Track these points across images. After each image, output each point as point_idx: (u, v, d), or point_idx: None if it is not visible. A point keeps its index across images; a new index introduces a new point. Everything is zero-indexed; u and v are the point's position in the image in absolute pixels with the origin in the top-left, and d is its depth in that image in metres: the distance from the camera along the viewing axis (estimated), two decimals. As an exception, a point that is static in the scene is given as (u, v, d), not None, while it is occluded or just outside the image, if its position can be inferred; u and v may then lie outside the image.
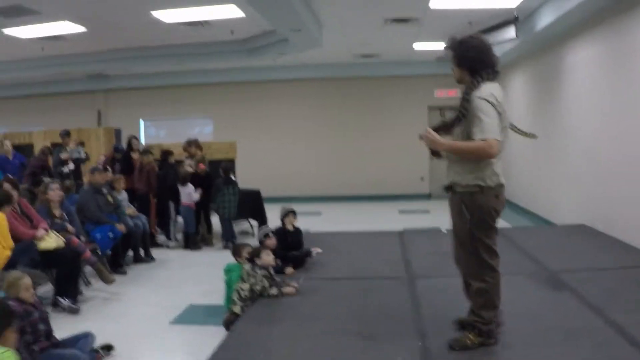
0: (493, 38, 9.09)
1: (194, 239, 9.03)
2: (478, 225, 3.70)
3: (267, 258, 5.27)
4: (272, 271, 5.26)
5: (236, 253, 5.66)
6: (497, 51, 10.30)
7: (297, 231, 6.77)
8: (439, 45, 11.54)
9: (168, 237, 9.22)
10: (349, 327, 4.32)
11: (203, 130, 15.31)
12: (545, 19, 8.43)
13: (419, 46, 11.76)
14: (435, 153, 3.95)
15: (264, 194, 10.20)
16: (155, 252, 8.31)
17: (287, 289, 5.12)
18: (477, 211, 3.69)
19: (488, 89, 3.59)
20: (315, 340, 4.07)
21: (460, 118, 3.67)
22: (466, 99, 3.64)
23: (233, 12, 8.12)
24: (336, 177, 15.16)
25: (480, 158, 3.61)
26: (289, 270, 5.81)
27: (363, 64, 14.16)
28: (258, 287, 5.02)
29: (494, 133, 3.52)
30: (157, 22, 8.44)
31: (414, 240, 7.65)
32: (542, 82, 10.61)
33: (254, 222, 10.12)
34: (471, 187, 3.71)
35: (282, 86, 15.24)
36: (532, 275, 5.67)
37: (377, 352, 3.87)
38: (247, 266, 5.17)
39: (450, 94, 14.83)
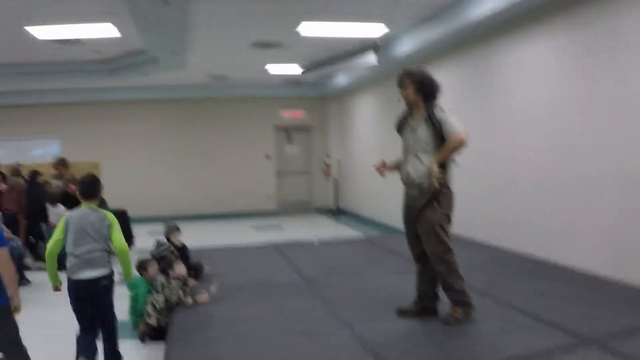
0: (354, 63, 9.84)
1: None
2: (444, 215, 4.49)
3: (180, 269, 5.39)
4: (185, 281, 5.39)
5: (142, 268, 5.67)
6: (351, 75, 11.14)
7: (184, 247, 6.87)
8: (293, 69, 12.08)
9: (40, 258, 8.73)
10: (283, 326, 4.56)
11: (47, 150, 14.46)
12: (404, 47, 9.25)
13: (272, 69, 12.20)
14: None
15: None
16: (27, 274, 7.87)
17: (202, 298, 5.25)
18: (446, 202, 4.49)
19: (443, 107, 4.54)
20: (260, 340, 4.25)
21: (439, 131, 4.43)
22: (433, 118, 4.45)
23: (109, 31, 7.94)
24: (195, 196, 15.10)
25: (460, 149, 4.39)
26: (192, 282, 5.90)
27: (215, 85, 14.36)
28: (174, 298, 5.10)
29: (460, 127, 4.39)
30: (29, 38, 8.04)
31: (292, 252, 8.00)
32: (395, 104, 11.44)
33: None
34: (442, 186, 4.46)
35: (135, 106, 14.85)
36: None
37: (319, 345, 4.15)
38: (161, 278, 5.23)
39: (296, 115, 15.54)
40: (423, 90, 4.54)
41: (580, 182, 6.25)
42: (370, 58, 9.57)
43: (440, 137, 4.43)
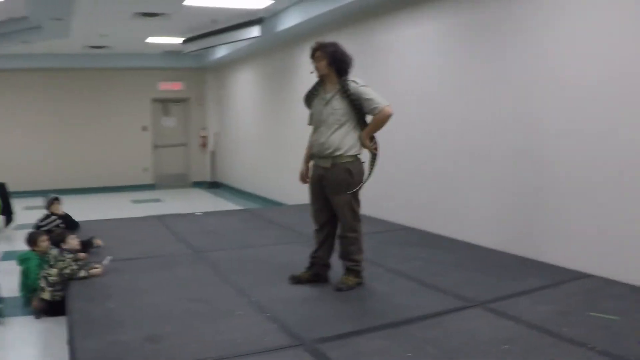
0: (238, 35, 9.85)
1: None
2: (357, 186, 4.70)
3: (73, 242, 5.30)
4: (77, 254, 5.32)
5: (32, 242, 5.52)
6: (232, 47, 11.14)
7: (67, 215, 6.74)
8: (173, 40, 11.88)
9: None
10: (179, 294, 4.63)
11: None
12: (289, 20, 9.35)
13: (152, 40, 11.93)
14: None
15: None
16: None
17: (95, 271, 5.17)
18: (358, 174, 4.70)
19: (358, 80, 4.68)
20: (160, 308, 4.27)
21: (356, 104, 4.62)
22: (348, 91, 4.62)
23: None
24: (71, 169, 14.44)
25: (384, 125, 4.62)
26: (82, 255, 5.80)
27: (93, 55, 13.73)
28: (67, 271, 5.00)
29: (383, 101, 4.57)
30: None
31: (176, 224, 8.01)
32: (276, 77, 11.64)
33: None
34: (353, 157, 4.70)
35: (11, 75, 13.89)
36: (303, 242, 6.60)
37: (218, 310, 4.26)
38: (54, 251, 5.12)
39: (174, 87, 15.30)
40: (336, 64, 4.65)
41: (469, 160, 6.63)
42: (254, 30, 9.62)
43: (356, 109, 4.62)
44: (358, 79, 4.69)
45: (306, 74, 10.05)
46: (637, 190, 4.83)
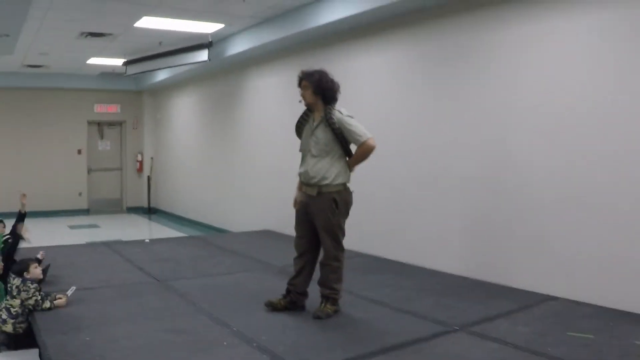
0: (185, 59, 9.68)
1: None
2: (342, 215, 4.67)
3: (36, 271, 4.98)
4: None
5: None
6: (173, 70, 10.88)
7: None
8: (114, 61, 11.55)
9: None
10: (154, 325, 4.40)
11: None
12: (238, 46, 9.29)
13: (93, 61, 11.57)
14: None
15: None
16: None
17: (59, 301, 4.89)
18: (343, 204, 4.64)
19: (342, 110, 4.65)
20: (136, 340, 4.07)
21: (339, 134, 4.58)
22: (331, 120, 4.58)
23: None
24: (3, 192, 13.47)
25: (368, 157, 4.61)
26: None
27: (28, 74, 13.13)
28: (31, 302, 4.68)
29: (366, 133, 4.55)
30: None
31: (127, 251, 7.71)
32: (221, 102, 11.47)
33: None
34: (340, 186, 4.64)
35: None
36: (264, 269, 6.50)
37: (197, 341, 4.09)
38: (16, 281, 4.79)
39: (110, 110, 14.86)
40: (321, 92, 4.61)
41: (426, 186, 6.72)
42: (202, 54, 9.47)
43: (340, 139, 4.58)
44: (343, 109, 4.65)
45: (254, 99, 10.14)
46: (599, 213, 5.01)
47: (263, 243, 8.46)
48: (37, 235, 10.43)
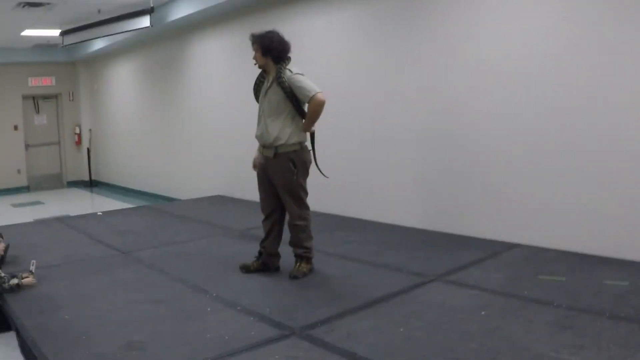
0: (125, 26, 9.32)
1: None
2: (301, 174, 4.62)
3: (-1, 247, 4.79)
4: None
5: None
6: (111, 39, 10.46)
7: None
8: (50, 32, 11.00)
9: None
10: (133, 297, 4.31)
11: None
12: (181, 10, 8.97)
13: (28, 33, 10.97)
14: None
15: None
16: None
17: (27, 280, 4.70)
18: (301, 163, 4.59)
19: (293, 68, 4.54)
20: (120, 313, 3.96)
21: (288, 93, 4.51)
22: (281, 80, 4.49)
23: None
24: None
25: (320, 112, 4.50)
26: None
27: None
28: (-4, 282, 4.54)
29: (314, 88, 4.44)
30: None
31: (81, 225, 7.48)
32: (163, 69, 11.13)
33: None
34: (295, 145, 4.59)
35: None
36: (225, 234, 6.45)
37: (181, 310, 4.02)
38: (-21, 262, 4.60)
39: (45, 82, 14.26)
40: (271, 53, 4.53)
41: (384, 143, 6.73)
42: (144, 21, 9.11)
43: (291, 99, 4.51)
44: (295, 67, 4.56)
45: (198, 65, 9.88)
46: (555, 161, 5.15)
47: (217, 208, 8.36)
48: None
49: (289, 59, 4.60)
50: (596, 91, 4.84)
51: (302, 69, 4.62)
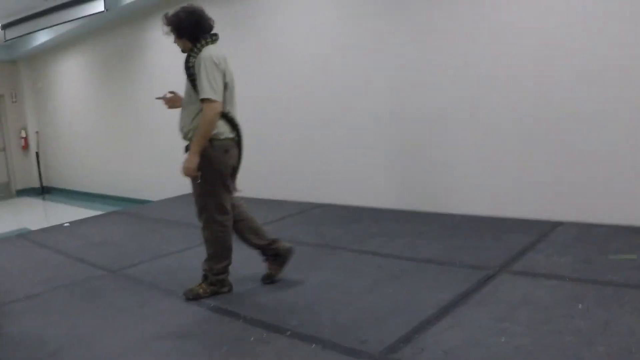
0: (78, 13, 8.31)
1: None
2: (209, 180, 3.69)
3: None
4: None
5: None
6: (54, 31, 9.40)
7: None
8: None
9: None
10: (153, 331, 3.45)
11: None
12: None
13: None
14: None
15: None
16: None
17: None
18: (207, 166, 3.65)
19: (208, 52, 3.62)
20: (143, 354, 3.14)
21: (195, 84, 3.63)
22: (189, 65, 3.65)
23: None
24: None
25: (213, 124, 3.58)
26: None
27: None
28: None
29: (212, 92, 3.53)
30: None
31: (50, 240, 6.52)
32: (117, 59, 10.08)
33: None
34: (211, 138, 3.66)
35: None
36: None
37: (217, 344, 3.24)
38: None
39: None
40: (185, 34, 3.70)
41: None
42: (99, 5, 8.11)
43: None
44: (212, 50, 3.64)
45: (157, 52, 8.92)
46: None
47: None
48: None
49: (212, 37, 3.73)
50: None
51: (224, 54, 3.72)
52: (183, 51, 3.76)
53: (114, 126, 10.58)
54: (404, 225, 5.40)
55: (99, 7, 8.04)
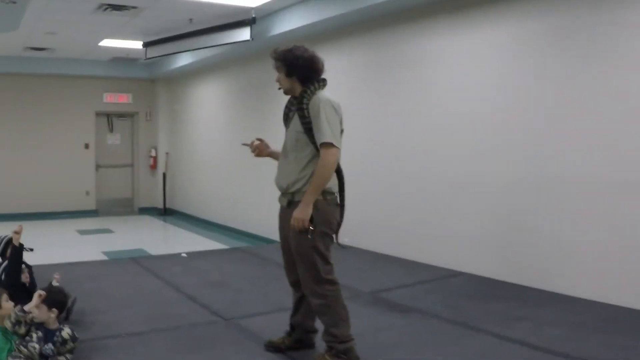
0: (223, 39, 8.12)
1: None
2: (320, 235, 3.34)
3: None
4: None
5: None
6: (197, 55, 9.28)
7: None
8: (131, 44, 9.93)
9: None
10: None
11: None
12: (286, 23, 7.69)
13: (106, 43, 9.92)
14: None
15: None
16: None
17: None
18: (321, 219, 3.32)
19: (325, 96, 3.37)
20: None
21: (309, 128, 3.34)
22: (303, 108, 3.36)
23: None
24: (2, 192, 11.95)
25: (327, 173, 3.28)
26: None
27: (31, 58, 11.30)
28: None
29: (331, 136, 3.25)
30: None
31: (164, 269, 6.16)
32: (256, 90, 9.82)
33: None
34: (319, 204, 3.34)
35: None
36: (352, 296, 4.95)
37: None
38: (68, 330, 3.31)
39: (121, 100, 13.30)
40: (297, 74, 3.40)
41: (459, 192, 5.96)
42: (245, 33, 7.85)
43: (312, 132, 3.34)
44: (327, 93, 3.38)
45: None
46: None
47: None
48: (43, 244, 8.91)
49: (322, 81, 3.44)
50: None
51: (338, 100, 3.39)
52: (286, 92, 3.53)
53: (242, 157, 10.24)
54: (554, 311, 4.56)
55: (245, 35, 7.74)
